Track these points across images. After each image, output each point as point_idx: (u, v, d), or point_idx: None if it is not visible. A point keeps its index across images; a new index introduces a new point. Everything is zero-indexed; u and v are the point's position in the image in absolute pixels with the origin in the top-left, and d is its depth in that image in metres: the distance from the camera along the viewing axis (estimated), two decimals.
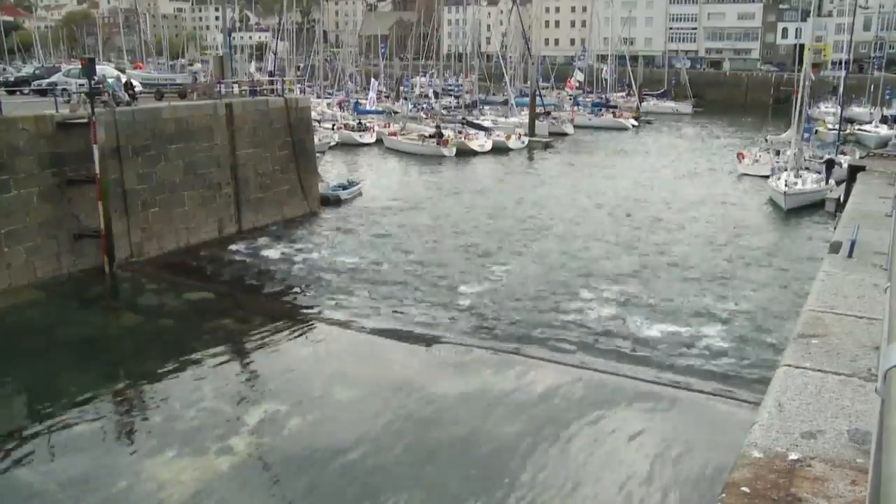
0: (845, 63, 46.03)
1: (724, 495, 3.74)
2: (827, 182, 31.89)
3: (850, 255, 8.08)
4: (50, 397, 13.91)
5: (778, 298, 19.77)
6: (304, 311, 19.39)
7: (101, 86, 24.10)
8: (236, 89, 31.32)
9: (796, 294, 18.77)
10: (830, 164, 32.99)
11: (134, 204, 23.36)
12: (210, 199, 26.32)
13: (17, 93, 30.26)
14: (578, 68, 78.15)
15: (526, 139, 53.76)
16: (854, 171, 16.00)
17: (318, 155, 34.73)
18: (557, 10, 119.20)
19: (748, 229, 28.51)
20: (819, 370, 5.13)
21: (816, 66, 48.32)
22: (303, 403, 13.85)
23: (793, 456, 4.04)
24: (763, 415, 4.53)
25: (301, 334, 17.72)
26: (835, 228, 11.19)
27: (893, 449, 1.56)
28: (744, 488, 3.75)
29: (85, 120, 21.67)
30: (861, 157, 20.56)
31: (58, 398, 13.89)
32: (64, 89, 25.35)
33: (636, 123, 68.39)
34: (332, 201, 32.72)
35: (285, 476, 11.24)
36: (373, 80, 67.89)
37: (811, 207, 30.77)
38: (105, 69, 30.89)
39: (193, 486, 11.02)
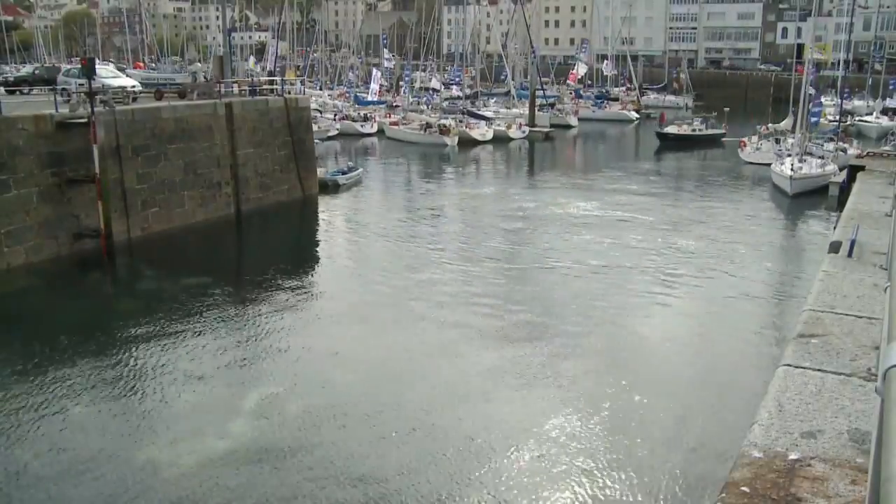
0: (844, 62, 46.66)
1: (723, 495, 3.74)
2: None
3: (849, 254, 8.08)
4: (47, 381, 13.91)
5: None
6: (301, 296, 19.42)
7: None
8: (236, 89, 31.36)
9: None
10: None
11: (134, 204, 23.36)
12: (210, 199, 26.35)
13: (17, 92, 30.31)
14: (581, 62, 78.09)
15: (526, 129, 54.86)
16: (854, 170, 15.99)
17: (316, 142, 35.11)
18: (557, 9, 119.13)
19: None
20: (819, 370, 5.13)
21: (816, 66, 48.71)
22: (301, 387, 13.89)
23: (792, 455, 4.04)
24: (763, 414, 4.53)
25: (298, 319, 17.76)
26: (835, 228, 11.19)
27: (893, 449, 1.56)
28: (744, 488, 3.75)
29: (85, 120, 21.67)
30: (860, 156, 20.55)
31: (55, 382, 13.89)
32: (64, 89, 25.34)
33: (638, 116, 69.00)
34: (330, 187, 32.84)
35: (283, 460, 11.24)
36: (374, 70, 67.98)
37: (815, 192, 30.85)
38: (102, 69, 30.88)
39: (190, 469, 11.01)
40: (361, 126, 54.42)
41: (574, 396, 13.53)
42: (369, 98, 62.87)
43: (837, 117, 44.41)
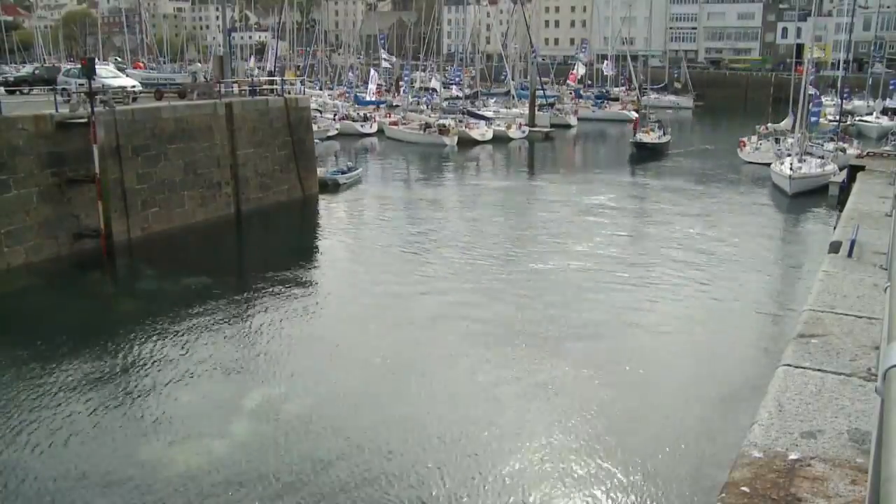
0: (844, 62, 46.75)
1: (723, 495, 3.74)
2: None
3: (849, 254, 8.08)
4: (47, 381, 13.93)
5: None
6: (302, 297, 19.43)
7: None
8: (236, 89, 31.36)
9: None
10: None
11: (134, 204, 23.36)
12: (210, 199, 26.35)
13: (17, 92, 30.31)
14: (580, 61, 78.18)
15: (526, 129, 54.99)
16: (854, 170, 16.00)
17: (316, 142, 35.23)
18: (557, 9, 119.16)
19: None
20: (819, 370, 5.13)
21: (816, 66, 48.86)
22: (301, 387, 13.88)
23: (792, 456, 4.04)
24: (763, 414, 4.53)
25: (299, 319, 17.76)
26: (834, 228, 11.19)
27: (893, 449, 1.56)
28: (743, 488, 3.75)
29: (85, 120, 21.67)
30: (860, 156, 20.56)
31: (54, 382, 13.91)
32: (64, 89, 25.34)
33: (637, 116, 69.07)
34: (330, 186, 32.89)
35: (283, 461, 11.24)
36: (372, 71, 68.04)
37: (815, 192, 30.84)
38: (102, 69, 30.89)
39: (191, 469, 11.01)
40: (361, 126, 54.55)
41: (576, 394, 13.53)
42: (368, 98, 62.97)
43: (837, 117, 44.47)
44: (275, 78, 39.95)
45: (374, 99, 63.22)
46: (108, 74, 30.17)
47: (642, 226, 27.65)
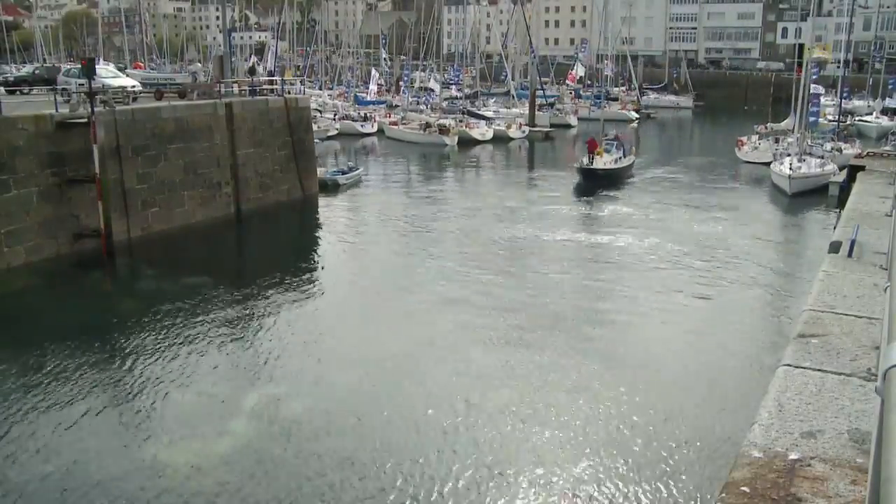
0: (844, 62, 46.81)
1: (723, 495, 3.74)
2: None
3: (849, 254, 8.08)
4: (46, 381, 13.94)
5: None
6: (301, 297, 19.44)
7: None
8: (236, 89, 31.35)
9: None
10: None
11: (134, 204, 23.36)
12: (210, 199, 26.35)
13: (17, 92, 30.30)
14: (580, 62, 78.13)
15: (526, 129, 55.05)
16: (854, 170, 16.00)
17: (316, 142, 35.28)
18: (557, 9, 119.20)
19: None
20: (819, 370, 5.13)
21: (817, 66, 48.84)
22: (301, 387, 13.91)
23: (792, 455, 4.04)
24: (763, 414, 4.53)
25: (298, 319, 17.78)
26: (834, 228, 11.19)
27: (893, 449, 1.56)
28: (743, 488, 3.75)
29: (85, 120, 21.67)
30: (859, 156, 20.54)
31: (54, 382, 13.93)
32: (64, 89, 25.33)
33: (637, 116, 69.17)
34: (330, 186, 32.89)
35: (283, 460, 11.25)
36: (373, 70, 68.03)
37: (815, 192, 30.83)
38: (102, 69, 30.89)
39: (191, 470, 11.02)
40: (361, 126, 54.61)
41: (576, 393, 13.52)
42: (368, 98, 62.99)
43: (837, 117, 44.50)
44: (275, 78, 39.93)
45: (374, 99, 63.25)
46: (108, 74, 30.18)
47: (641, 225, 27.61)
